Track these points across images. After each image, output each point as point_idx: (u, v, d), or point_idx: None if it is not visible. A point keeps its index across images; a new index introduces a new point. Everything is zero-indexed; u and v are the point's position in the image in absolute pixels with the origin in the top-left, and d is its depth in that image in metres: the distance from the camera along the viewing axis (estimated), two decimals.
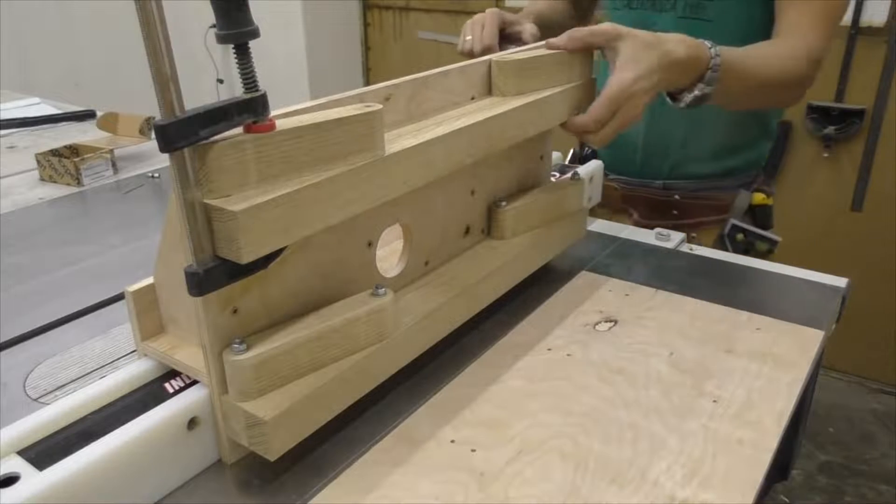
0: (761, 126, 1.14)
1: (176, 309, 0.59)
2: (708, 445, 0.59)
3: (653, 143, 1.13)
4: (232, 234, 0.48)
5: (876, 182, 2.18)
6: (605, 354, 0.71)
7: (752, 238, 1.10)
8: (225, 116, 0.48)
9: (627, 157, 1.15)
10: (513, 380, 0.68)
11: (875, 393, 2.35)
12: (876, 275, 2.21)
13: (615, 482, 0.55)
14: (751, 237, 1.10)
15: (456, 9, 2.82)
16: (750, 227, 1.11)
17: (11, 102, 1.75)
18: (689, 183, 1.14)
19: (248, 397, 0.54)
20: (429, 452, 0.59)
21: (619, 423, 0.62)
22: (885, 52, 2.06)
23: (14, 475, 0.48)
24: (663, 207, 1.14)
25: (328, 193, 0.54)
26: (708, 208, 1.13)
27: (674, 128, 1.10)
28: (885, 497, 1.95)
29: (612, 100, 0.75)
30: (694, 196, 1.13)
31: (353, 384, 0.60)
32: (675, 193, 1.14)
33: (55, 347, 0.74)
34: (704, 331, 0.75)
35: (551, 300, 0.81)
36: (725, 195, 1.13)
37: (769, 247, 1.10)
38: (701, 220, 1.12)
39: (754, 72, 0.88)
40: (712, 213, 1.13)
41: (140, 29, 0.43)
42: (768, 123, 1.15)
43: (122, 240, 1.00)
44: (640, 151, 1.14)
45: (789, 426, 0.63)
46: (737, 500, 0.53)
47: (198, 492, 0.55)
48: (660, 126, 1.10)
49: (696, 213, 1.12)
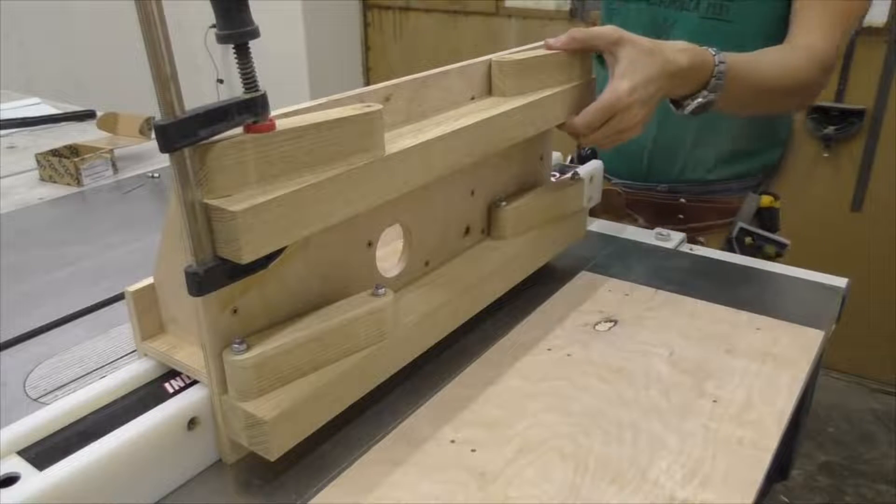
0: (773, 130, 1.13)
1: (176, 309, 0.59)
2: (708, 445, 0.59)
3: (662, 146, 1.11)
4: (232, 234, 0.48)
5: (876, 182, 2.18)
6: (605, 354, 0.71)
7: (761, 241, 1.08)
8: (225, 116, 0.48)
9: (634, 160, 1.14)
10: (513, 380, 0.68)
11: (875, 393, 2.35)
12: (876, 275, 2.21)
13: (615, 482, 0.55)
14: (759, 240, 1.08)
15: (456, 9, 2.82)
16: (758, 231, 1.09)
17: (11, 102, 1.75)
18: (696, 186, 1.12)
19: (248, 397, 0.54)
20: (429, 452, 0.59)
21: (618, 422, 0.62)
22: (885, 53, 2.07)
23: (14, 475, 0.48)
24: (669, 211, 1.13)
25: (328, 193, 0.54)
26: (715, 211, 1.11)
27: (684, 132, 1.09)
28: (885, 497, 1.95)
29: (604, 109, 0.74)
30: (701, 199, 1.12)
31: (353, 384, 0.60)
32: (682, 197, 1.12)
33: (55, 347, 0.74)
34: (704, 331, 0.75)
35: (551, 300, 0.81)
36: (733, 198, 1.11)
37: (778, 250, 1.08)
38: (708, 224, 1.10)
39: (761, 79, 0.87)
40: (719, 217, 1.11)
41: (140, 29, 0.43)
42: (780, 127, 1.13)
43: (122, 240, 1.00)
44: (648, 155, 1.12)
45: (789, 426, 0.63)
46: (737, 500, 0.53)
47: (198, 492, 0.55)
48: (670, 130, 1.09)
49: (702, 216, 1.10)
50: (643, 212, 1.15)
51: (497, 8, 2.74)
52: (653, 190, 1.14)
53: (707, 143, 1.09)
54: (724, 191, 1.12)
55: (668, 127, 1.08)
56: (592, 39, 0.78)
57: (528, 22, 2.69)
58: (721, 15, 1.01)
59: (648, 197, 1.14)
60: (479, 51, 0.80)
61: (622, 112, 0.74)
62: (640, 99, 0.74)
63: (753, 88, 0.86)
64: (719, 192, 1.12)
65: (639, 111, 0.75)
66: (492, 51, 0.80)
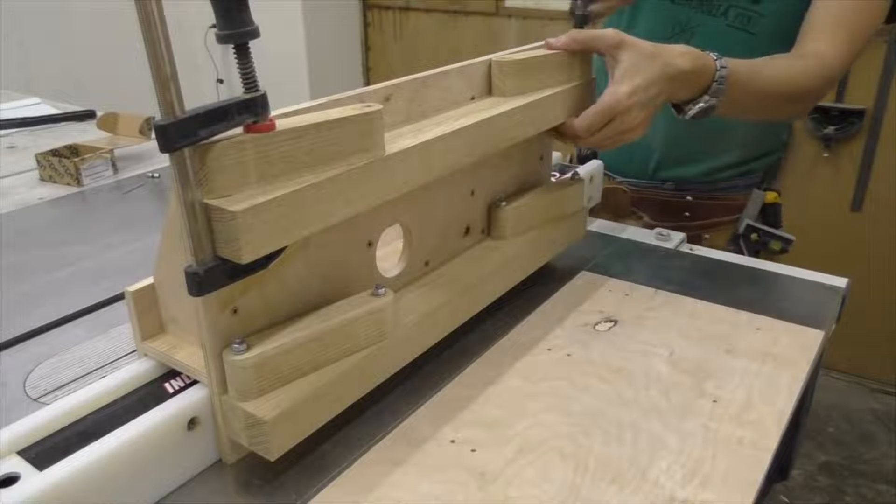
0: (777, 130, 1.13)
1: (176, 309, 0.59)
2: (708, 445, 0.59)
3: (671, 148, 1.11)
4: (232, 234, 0.48)
5: (876, 182, 2.18)
6: (605, 354, 0.71)
7: (766, 237, 1.08)
8: (225, 116, 0.48)
9: (642, 161, 1.14)
10: (512, 380, 0.68)
11: (875, 393, 2.35)
12: (876, 275, 2.21)
13: (615, 482, 0.55)
14: (765, 237, 1.08)
15: (455, 9, 2.82)
16: (764, 227, 1.09)
17: (11, 102, 1.75)
18: (703, 184, 1.12)
19: (248, 397, 0.54)
20: (429, 452, 0.59)
21: (619, 423, 0.62)
22: (885, 53, 2.07)
23: (14, 475, 0.48)
24: (675, 209, 1.13)
25: (328, 193, 0.54)
26: (721, 209, 1.11)
27: (693, 133, 1.08)
28: (884, 497, 1.95)
29: (603, 112, 0.74)
30: (707, 197, 1.12)
31: (353, 384, 0.60)
32: (688, 194, 1.12)
33: (55, 347, 0.74)
34: (704, 331, 0.75)
35: (551, 300, 0.81)
36: (739, 195, 1.11)
37: (783, 245, 1.08)
38: (714, 221, 1.10)
39: (763, 86, 0.86)
40: (726, 214, 1.11)
41: (140, 29, 0.43)
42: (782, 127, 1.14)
43: (122, 240, 1.00)
44: (657, 157, 1.12)
45: (789, 426, 0.63)
46: (737, 500, 0.53)
47: (198, 492, 0.55)
48: (679, 132, 1.08)
49: (709, 213, 1.10)
50: (648, 209, 1.15)
51: (497, 8, 2.74)
52: (659, 188, 1.14)
53: (716, 144, 1.09)
54: (731, 188, 1.12)
55: (677, 129, 1.07)
56: (593, 41, 0.78)
57: (528, 22, 2.69)
58: (748, 26, 1.00)
59: (655, 195, 1.14)
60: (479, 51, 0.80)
61: (622, 114, 0.74)
62: (640, 101, 0.74)
63: (756, 95, 0.86)
64: (726, 190, 1.11)
65: (638, 114, 0.75)
66: (492, 51, 0.80)
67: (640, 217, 1.15)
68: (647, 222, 1.13)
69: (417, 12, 2.95)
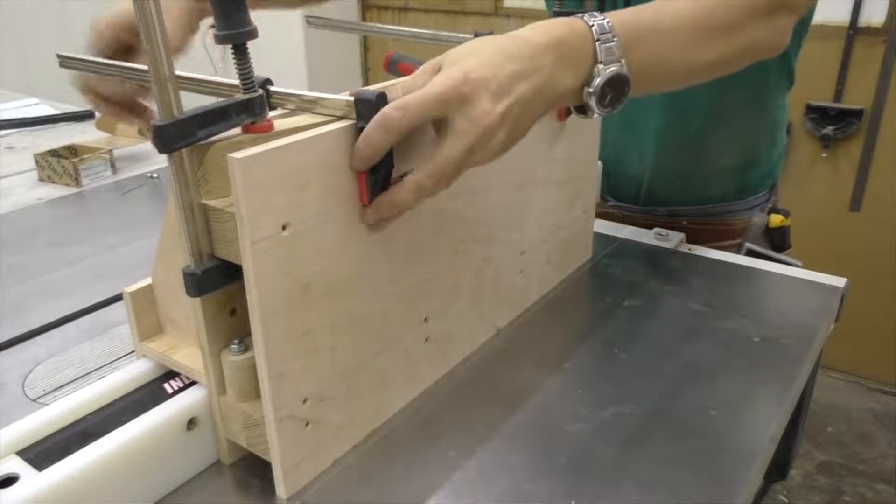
0: (770, 137, 1.05)
1: (174, 309, 0.59)
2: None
3: (660, 175, 1.03)
4: (230, 234, 0.48)
5: (874, 182, 2.18)
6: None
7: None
8: (223, 117, 0.48)
9: (631, 188, 1.06)
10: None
11: (874, 393, 2.35)
12: (875, 275, 2.21)
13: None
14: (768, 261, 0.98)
15: (455, 9, 2.82)
16: (767, 252, 1.01)
17: (11, 102, 1.75)
18: (698, 208, 1.04)
19: (247, 398, 0.54)
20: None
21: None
22: (884, 52, 2.07)
23: (13, 475, 0.48)
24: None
25: None
26: (719, 233, 1.03)
27: (681, 160, 1.01)
28: (883, 497, 1.95)
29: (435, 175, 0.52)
30: (703, 222, 1.04)
31: None
32: (683, 219, 1.04)
33: (55, 347, 0.74)
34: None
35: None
36: (737, 220, 1.04)
37: None
38: (714, 246, 1.00)
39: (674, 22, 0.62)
40: (725, 238, 1.03)
41: (140, 28, 0.43)
42: (777, 131, 1.06)
43: (121, 240, 1.00)
44: (647, 184, 1.04)
45: (788, 426, 0.63)
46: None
47: (197, 492, 0.55)
48: (668, 157, 1.01)
49: (706, 238, 1.00)
50: None
51: (496, 8, 2.74)
52: (652, 213, 1.06)
53: (707, 166, 1.02)
54: (727, 213, 1.04)
55: (666, 155, 1.01)
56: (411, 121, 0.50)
57: (527, 22, 2.65)
58: None
59: (649, 220, 1.05)
60: None
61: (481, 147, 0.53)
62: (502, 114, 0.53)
63: (672, 40, 0.62)
64: (723, 214, 1.04)
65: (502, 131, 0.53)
66: None
67: None
68: None
69: (416, 12, 2.95)
